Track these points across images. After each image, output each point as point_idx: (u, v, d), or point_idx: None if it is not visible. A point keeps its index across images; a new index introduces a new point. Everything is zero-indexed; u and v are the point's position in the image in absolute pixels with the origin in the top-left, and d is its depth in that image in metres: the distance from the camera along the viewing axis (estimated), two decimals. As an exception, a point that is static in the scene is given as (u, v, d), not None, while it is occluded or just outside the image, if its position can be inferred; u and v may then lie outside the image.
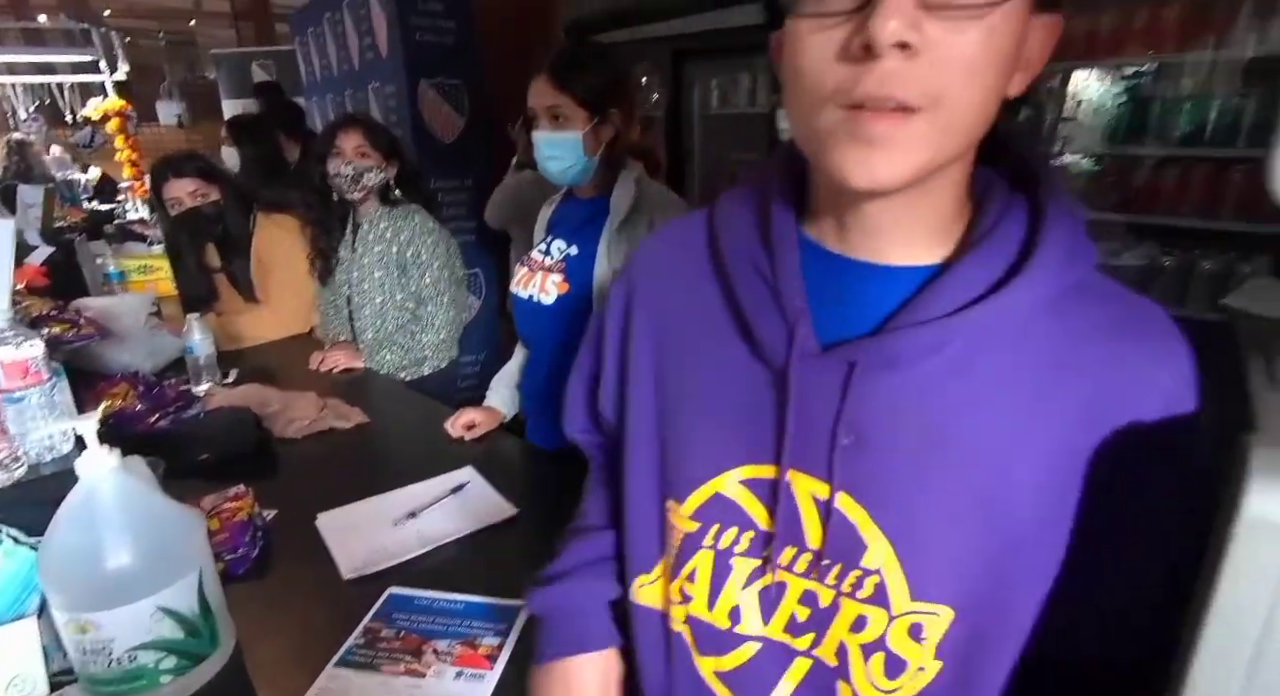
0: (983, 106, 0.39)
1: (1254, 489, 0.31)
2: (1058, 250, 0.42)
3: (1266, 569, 0.31)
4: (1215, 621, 0.32)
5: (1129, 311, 0.44)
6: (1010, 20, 0.37)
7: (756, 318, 0.48)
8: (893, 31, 0.35)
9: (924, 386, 0.44)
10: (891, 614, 0.46)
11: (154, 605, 0.70)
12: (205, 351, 1.59)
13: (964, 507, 0.44)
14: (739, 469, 0.50)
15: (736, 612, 0.52)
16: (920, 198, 0.43)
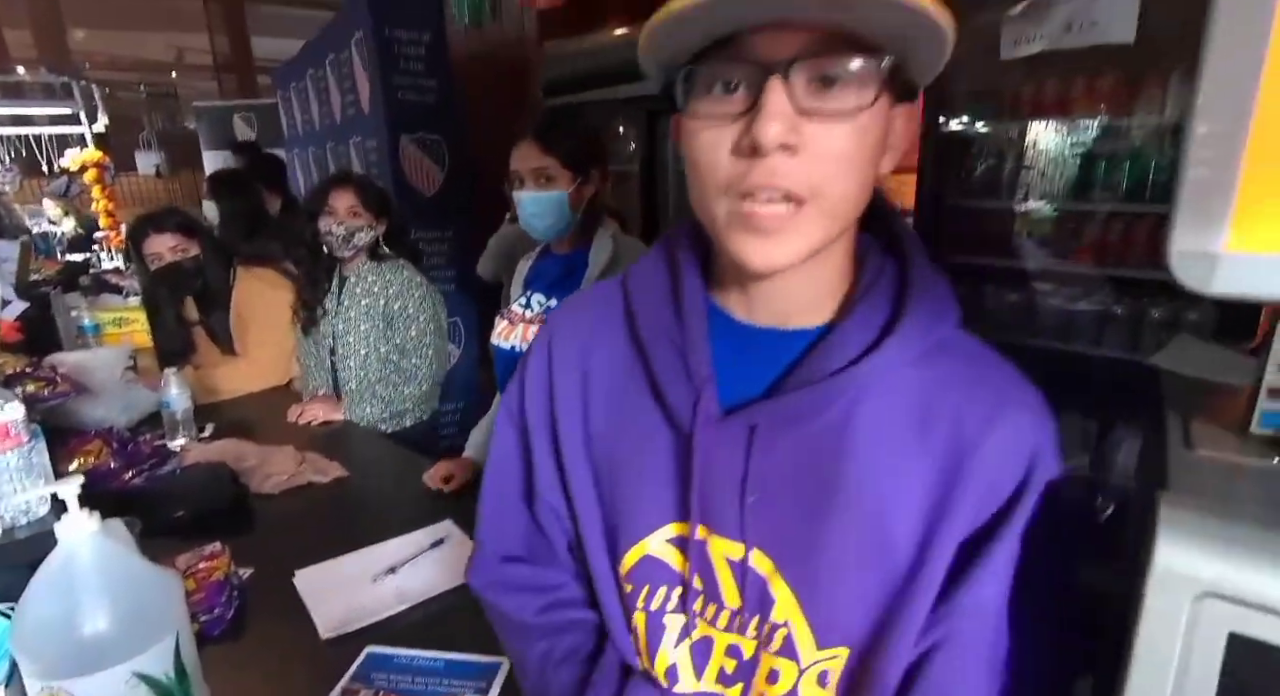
0: (859, 190, 0.45)
1: (1161, 543, 0.34)
2: (921, 313, 0.48)
3: (1176, 614, 0.34)
4: (1137, 665, 0.35)
5: (984, 366, 0.50)
6: (877, 117, 0.43)
7: (667, 384, 0.51)
8: (775, 135, 0.40)
9: (817, 443, 0.48)
10: (801, 666, 0.49)
11: (129, 671, 0.69)
12: (182, 405, 1.58)
13: (855, 555, 0.48)
14: (666, 528, 0.53)
15: (673, 671, 0.54)
16: (815, 268, 0.48)
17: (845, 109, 0.41)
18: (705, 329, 0.52)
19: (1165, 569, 0.34)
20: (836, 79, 0.41)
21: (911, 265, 0.50)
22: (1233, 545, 0.34)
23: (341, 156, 3.36)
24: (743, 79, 0.42)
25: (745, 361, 0.51)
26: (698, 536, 0.50)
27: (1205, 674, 0.36)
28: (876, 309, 0.49)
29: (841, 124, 0.41)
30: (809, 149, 0.41)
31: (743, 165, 0.42)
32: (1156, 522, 0.35)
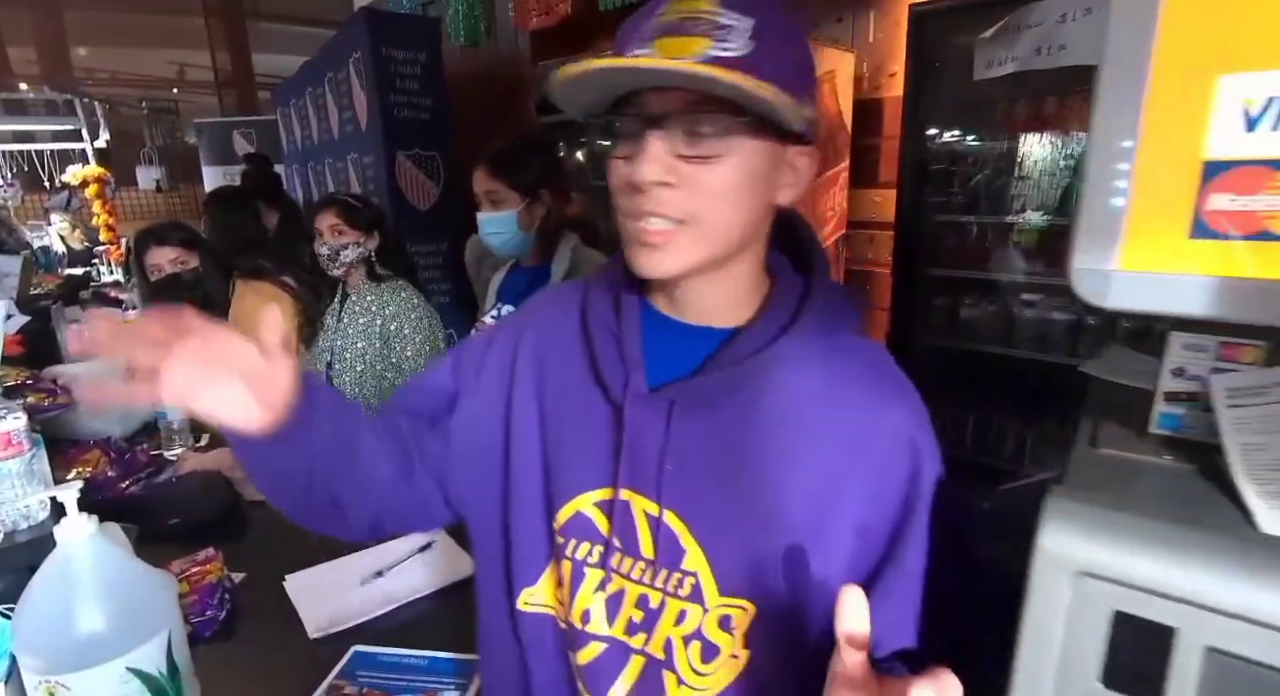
0: (735, 218, 0.54)
1: (1045, 529, 0.38)
2: (810, 322, 0.57)
3: (1058, 592, 0.38)
4: (1025, 638, 0.39)
5: (872, 370, 0.59)
6: (748, 159, 0.52)
7: (605, 368, 0.60)
8: (647, 175, 0.50)
9: (727, 424, 0.56)
10: (705, 608, 0.57)
11: (123, 666, 0.73)
12: (178, 416, 1.62)
13: (756, 521, 0.55)
14: (594, 492, 0.61)
15: (587, 614, 0.61)
16: (716, 281, 0.58)
17: (712, 153, 0.51)
18: (638, 323, 0.61)
19: (1048, 551, 0.38)
20: (704, 131, 0.50)
21: (814, 280, 0.60)
22: (1109, 530, 0.38)
23: (339, 172, 3.42)
24: (634, 129, 0.52)
25: (673, 351, 0.60)
26: (622, 497, 0.58)
27: (1092, 648, 0.41)
28: (781, 313, 0.58)
29: (714, 165, 0.51)
30: (686, 185, 0.51)
31: (636, 197, 0.53)
32: (1044, 513, 0.39)
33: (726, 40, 0.49)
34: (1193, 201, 0.42)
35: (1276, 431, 0.41)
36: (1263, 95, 0.39)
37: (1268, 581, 0.35)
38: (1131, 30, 0.41)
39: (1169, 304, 0.43)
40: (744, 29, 0.49)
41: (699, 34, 0.49)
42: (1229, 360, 0.45)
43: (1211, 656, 0.38)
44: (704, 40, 0.49)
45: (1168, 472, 0.44)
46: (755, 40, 0.49)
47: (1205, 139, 0.41)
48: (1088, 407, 0.57)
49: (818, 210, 2.47)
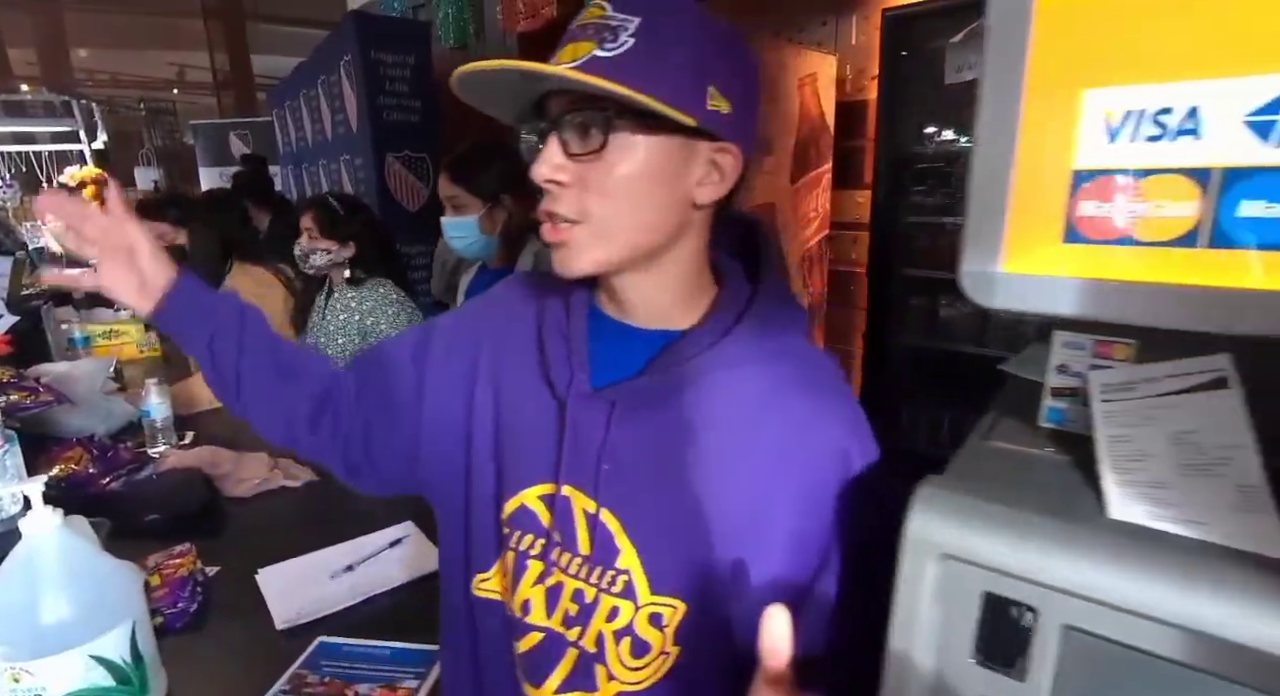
0: (633, 214, 0.55)
1: (912, 514, 0.41)
2: (755, 324, 0.58)
3: (922, 573, 0.41)
4: (896, 620, 0.42)
5: (810, 375, 0.60)
6: (652, 154, 0.53)
7: (553, 365, 0.62)
8: (540, 173, 0.53)
9: (664, 425, 0.57)
10: (638, 604, 0.58)
11: (86, 654, 0.76)
12: (161, 414, 1.65)
13: (690, 523, 0.57)
14: (539, 486, 0.62)
15: (527, 605, 0.63)
16: (647, 279, 0.59)
17: (592, 149, 0.53)
18: (585, 323, 0.63)
19: (913, 534, 0.41)
20: (584, 126, 0.52)
21: (760, 286, 0.61)
22: (971, 516, 0.40)
23: (333, 173, 3.46)
24: (541, 132, 0.55)
25: (618, 353, 0.61)
26: (563, 493, 0.60)
27: (965, 627, 0.43)
28: (725, 317, 0.60)
29: (601, 162, 0.53)
30: (577, 183, 0.54)
31: (544, 197, 0.56)
32: (913, 499, 0.42)
33: (610, 41, 0.51)
34: (1064, 208, 0.44)
35: (1140, 424, 0.44)
36: (1121, 108, 0.41)
37: (1111, 564, 0.38)
38: (1006, 45, 0.44)
39: (1047, 304, 0.46)
40: (629, 28, 0.51)
41: (587, 38, 0.51)
42: (1104, 357, 0.48)
43: (1068, 633, 0.40)
44: (590, 44, 0.51)
45: (1045, 463, 0.47)
46: (638, 38, 0.51)
47: (1074, 149, 0.43)
48: (997, 403, 0.59)
49: (800, 211, 2.50)
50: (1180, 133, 0.40)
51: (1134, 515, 0.40)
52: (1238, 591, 0.34)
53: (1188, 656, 0.37)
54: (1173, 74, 0.39)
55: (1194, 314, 0.41)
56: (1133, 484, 0.42)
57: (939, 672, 0.45)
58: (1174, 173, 0.40)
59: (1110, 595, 0.37)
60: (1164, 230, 0.41)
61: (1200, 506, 0.39)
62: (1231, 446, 0.41)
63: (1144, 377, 0.45)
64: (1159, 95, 0.40)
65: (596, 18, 0.52)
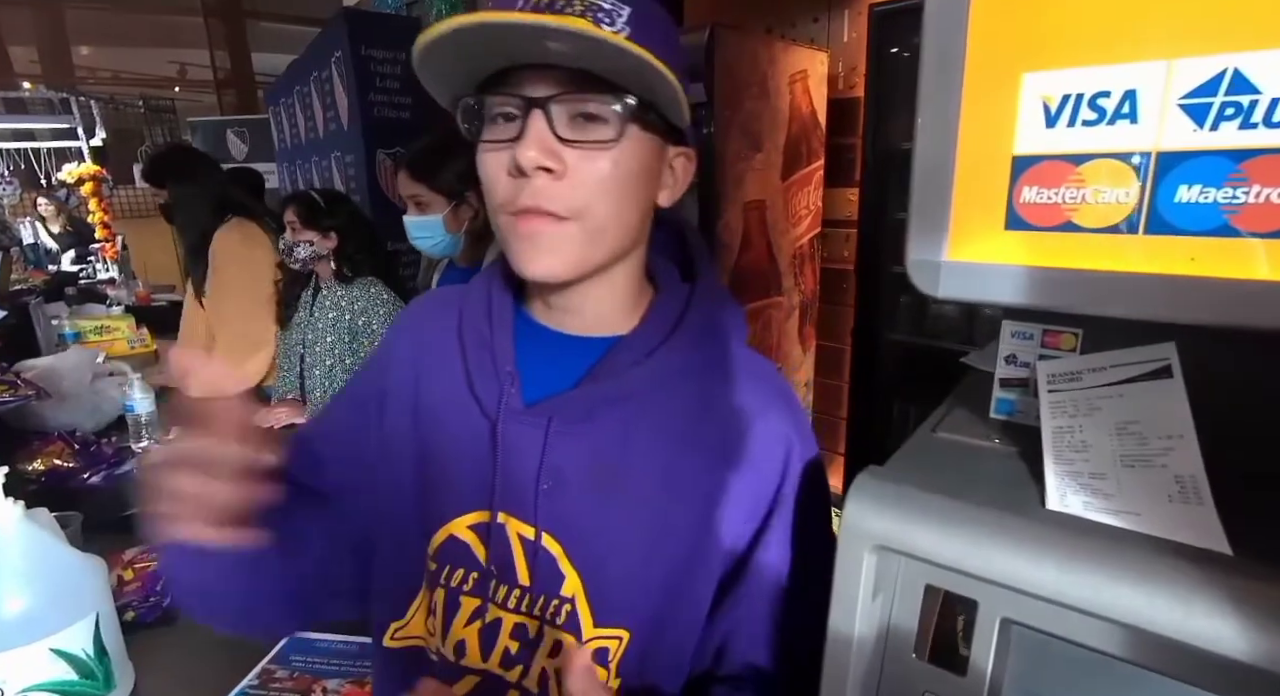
0: (622, 215, 0.51)
1: (848, 505, 0.40)
2: (692, 330, 0.55)
3: (858, 564, 0.40)
4: (834, 611, 0.41)
5: (751, 376, 0.57)
6: (636, 150, 0.50)
7: (477, 380, 0.56)
8: (532, 158, 0.46)
9: (606, 438, 0.53)
10: (581, 639, 0.53)
11: (47, 647, 0.75)
12: (145, 409, 1.65)
13: (636, 541, 0.53)
14: (468, 515, 0.56)
15: (461, 646, 0.57)
16: (598, 286, 0.55)
17: (602, 139, 0.48)
18: (510, 332, 0.57)
19: (848, 526, 0.40)
20: (590, 113, 0.47)
21: (696, 290, 0.58)
22: (906, 507, 0.40)
23: (325, 170, 3.45)
24: (513, 110, 0.48)
25: (549, 363, 0.57)
26: (498, 520, 0.54)
27: (906, 621, 0.42)
28: (662, 322, 0.56)
29: (600, 152, 0.48)
30: (571, 174, 0.48)
31: (515, 185, 0.48)
32: (850, 490, 0.41)
33: (607, 24, 0.45)
34: (1006, 194, 0.43)
35: (1085, 414, 0.43)
36: (1059, 92, 0.41)
37: (1044, 557, 0.37)
38: (945, 28, 0.43)
39: (991, 293, 0.45)
40: (623, 15, 0.46)
41: (576, 14, 0.45)
42: (1050, 347, 0.47)
43: (1006, 626, 0.40)
44: (581, 20, 0.44)
45: (991, 455, 0.46)
46: (631, 27, 0.46)
47: (1014, 134, 0.43)
48: (953, 395, 0.58)
49: (792, 209, 2.49)
50: (1117, 116, 0.39)
51: (1071, 506, 0.40)
52: (1164, 584, 0.33)
53: (1120, 650, 0.36)
54: (1109, 57, 0.39)
55: (1134, 302, 0.40)
56: (1073, 475, 0.41)
57: (879, 667, 0.44)
58: (1111, 158, 0.39)
59: (1044, 588, 0.37)
60: (1103, 216, 0.40)
61: (1137, 497, 0.39)
62: (1173, 437, 0.40)
63: (1090, 367, 0.44)
64: (1096, 78, 0.39)
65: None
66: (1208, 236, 0.37)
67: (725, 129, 2.07)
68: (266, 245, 2.10)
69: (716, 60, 1.98)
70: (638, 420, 0.53)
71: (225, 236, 2.09)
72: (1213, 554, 0.34)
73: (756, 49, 2.18)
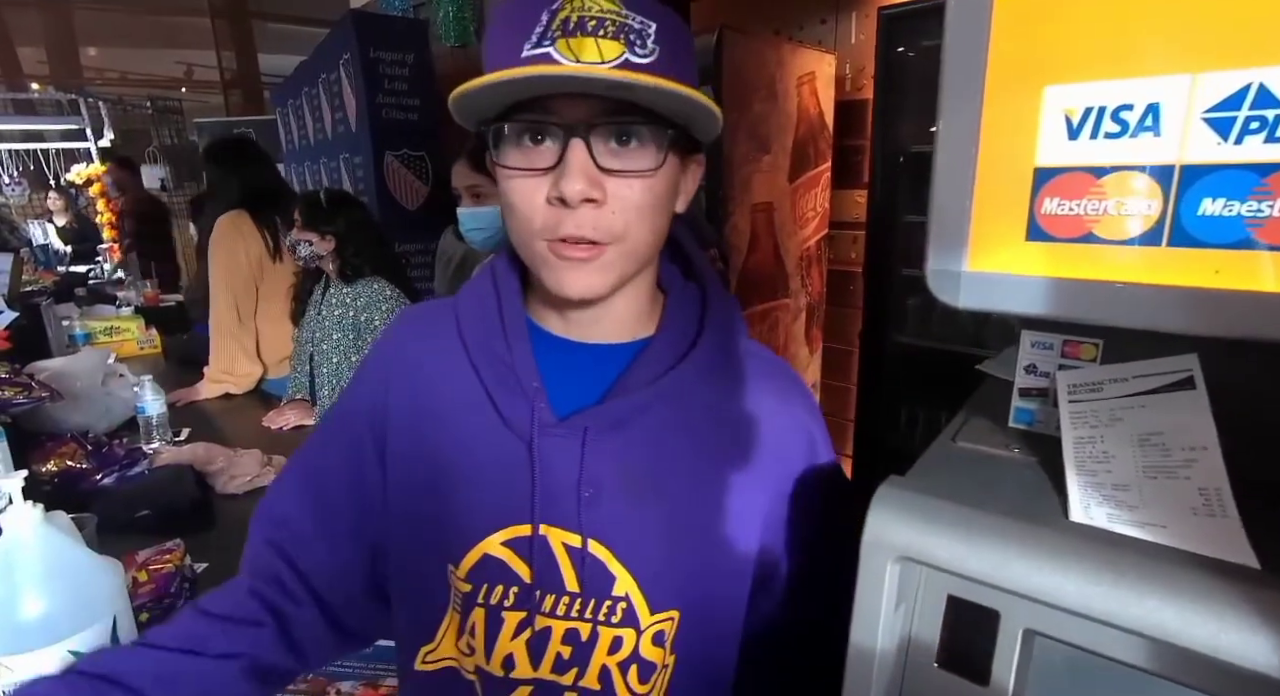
0: (655, 233, 0.53)
1: (870, 516, 0.40)
2: (717, 329, 0.57)
3: (880, 575, 0.40)
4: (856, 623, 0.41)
5: (770, 370, 0.60)
6: (668, 172, 0.51)
7: (500, 397, 0.56)
8: (579, 192, 0.47)
9: (641, 443, 0.55)
10: (639, 629, 0.56)
11: (65, 650, 0.76)
12: (156, 410, 1.66)
13: (675, 534, 0.56)
14: (502, 531, 0.56)
15: (510, 660, 0.57)
16: (622, 296, 0.56)
17: (641, 168, 0.48)
18: (530, 347, 0.57)
19: (871, 535, 0.40)
20: (630, 142, 0.48)
21: (708, 290, 0.60)
22: (930, 517, 0.40)
23: (333, 172, 3.46)
24: (548, 136, 0.48)
25: (574, 373, 0.57)
26: (540, 532, 0.55)
27: (929, 631, 0.43)
28: (684, 326, 0.58)
29: (638, 180, 0.49)
30: (611, 202, 0.48)
31: (555, 215, 0.49)
32: (872, 501, 0.41)
33: (639, 46, 0.46)
34: (1027, 206, 0.44)
35: (1106, 425, 0.43)
36: (1081, 105, 0.41)
37: (1068, 568, 0.37)
38: (967, 41, 0.43)
39: (1011, 303, 0.45)
40: (651, 33, 0.46)
41: (609, 37, 0.45)
42: (1071, 357, 0.47)
43: (1029, 637, 0.40)
44: (616, 44, 0.45)
45: (1011, 465, 0.46)
46: (661, 46, 0.47)
47: (1036, 146, 0.43)
48: (970, 404, 0.58)
49: (799, 211, 2.49)
50: (1140, 129, 0.39)
51: (1095, 517, 0.40)
52: (1196, 598, 0.33)
53: (1146, 662, 0.36)
54: (1133, 70, 0.39)
55: (1157, 314, 0.40)
56: (1096, 486, 0.41)
57: (901, 677, 0.44)
58: (1134, 170, 0.39)
59: (1070, 600, 0.37)
60: (1126, 228, 0.40)
61: (1162, 509, 0.39)
62: (1196, 448, 0.40)
63: (1111, 378, 0.44)
64: (1119, 91, 0.39)
65: (612, 13, 0.46)
66: (1231, 249, 0.37)
67: (733, 131, 2.07)
68: (255, 239, 2.12)
69: (724, 62, 1.99)
70: (668, 424, 0.55)
71: (219, 224, 2.12)
72: (1242, 568, 0.34)
73: (764, 51, 2.18)
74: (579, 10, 0.45)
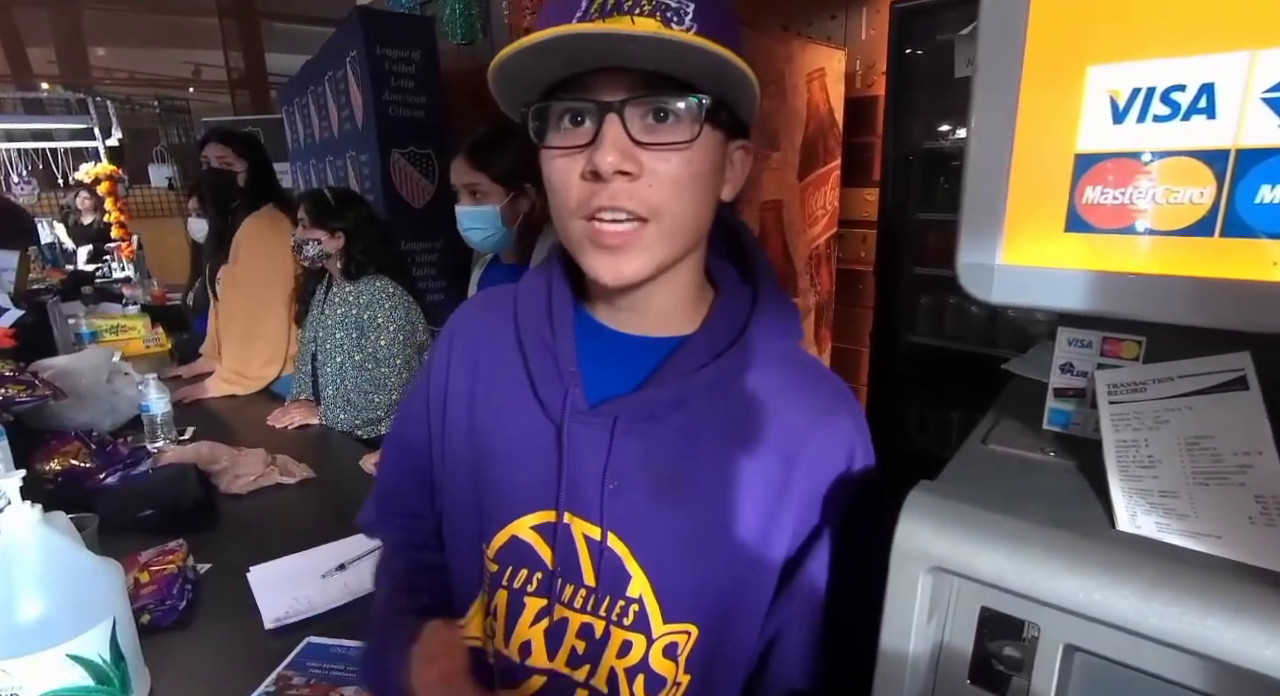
0: (696, 213, 0.51)
1: (900, 524, 0.38)
2: (762, 331, 0.55)
3: (912, 585, 0.38)
4: (885, 634, 0.39)
5: (816, 378, 0.57)
6: (707, 148, 0.49)
7: (540, 381, 0.57)
8: (611, 163, 0.46)
9: (669, 438, 0.54)
10: (651, 637, 0.53)
11: (64, 654, 0.74)
12: (161, 409, 1.64)
13: (697, 539, 0.53)
14: (531, 515, 0.57)
15: (527, 647, 0.58)
16: (664, 285, 0.55)
17: (676, 140, 0.47)
18: (572, 333, 0.57)
19: (902, 545, 0.38)
20: (666, 114, 0.47)
21: (761, 291, 0.57)
22: (964, 525, 0.38)
23: (339, 170, 3.45)
24: (585, 114, 0.48)
25: (613, 364, 0.57)
26: (564, 520, 0.55)
27: (961, 644, 0.40)
28: (728, 324, 0.56)
29: (675, 153, 0.47)
30: (647, 175, 0.47)
31: (589, 189, 0.48)
32: (903, 508, 0.39)
33: (676, 22, 0.45)
34: (1067, 195, 0.41)
35: (1151, 428, 0.41)
36: (1128, 86, 0.38)
37: (1119, 581, 0.35)
38: (1003, 18, 0.41)
39: (1048, 298, 0.43)
40: (688, 11, 0.46)
41: (644, 14, 0.45)
42: (1111, 355, 0.45)
43: (1070, 653, 0.37)
44: (651, 20, 0.45)
45: (1047, 469, 0.44)
46: (699, 23, 0.46)
47: (1077, 131, 0.40)
48: (998, 405, 0.56)
49: (808, 209, 2.46)
50: (1193, 112, 0.36)
51: (1143, 527, 0.37)
52: (1257, 616, 0.31)
53: (1201, 683, 0.34)
54: (1185, 48, 0.36)
55: (1209, 309, 0.38)
56: (1142, 493, 0.39)
57: (933, 693, 0.42)
58: (1186, 155, 0.37)
59: (1117, 615, 0.34)
60: (1175, 218, 0.38)
61: (1216, 518, 0.36)
62: (1250, 453, 0.38)
63: (1155, 377, 0.42)
64: (1170, 71, 0.37)
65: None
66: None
67: (742, 128, 2.05)
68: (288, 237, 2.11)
69: (734, 58, 1.96)
70: (700, 422, 0.53)
71: (256, 221, 2.10)
72: (1308, 582, 0.31)
73: (773, 47, 2.16)
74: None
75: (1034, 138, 0.42)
